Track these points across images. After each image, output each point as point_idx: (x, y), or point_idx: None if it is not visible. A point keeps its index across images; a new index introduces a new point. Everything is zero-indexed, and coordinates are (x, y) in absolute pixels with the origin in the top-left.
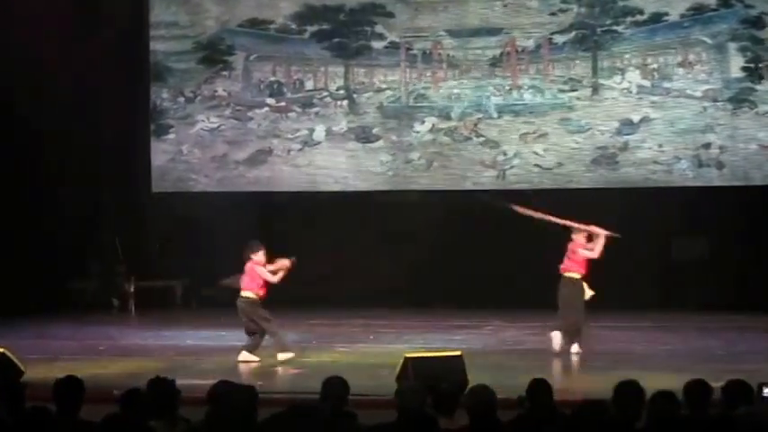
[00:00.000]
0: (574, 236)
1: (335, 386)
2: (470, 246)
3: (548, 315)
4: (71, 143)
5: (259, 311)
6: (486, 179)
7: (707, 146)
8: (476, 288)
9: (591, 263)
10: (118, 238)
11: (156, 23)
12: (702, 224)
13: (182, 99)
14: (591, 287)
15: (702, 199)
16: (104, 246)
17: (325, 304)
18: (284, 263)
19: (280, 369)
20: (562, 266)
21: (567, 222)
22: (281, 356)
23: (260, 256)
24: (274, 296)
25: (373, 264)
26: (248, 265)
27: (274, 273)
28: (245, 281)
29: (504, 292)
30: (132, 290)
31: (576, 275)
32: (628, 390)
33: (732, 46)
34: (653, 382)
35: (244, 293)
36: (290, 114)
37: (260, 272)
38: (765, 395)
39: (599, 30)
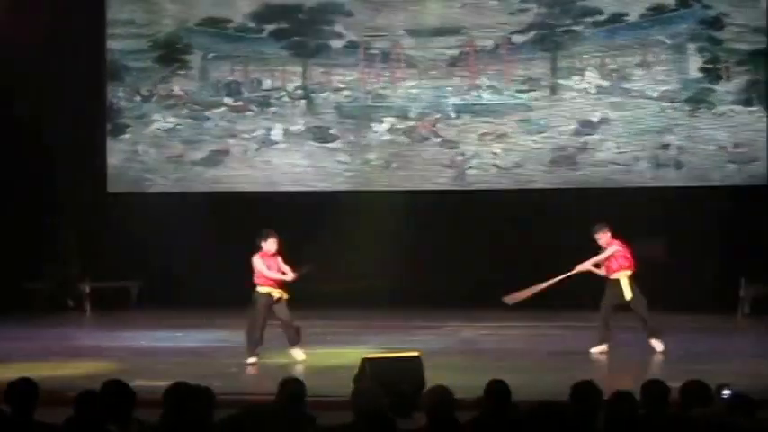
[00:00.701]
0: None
1: (292, 387)
2: (428, 246)
3: (506, 315)
4: (26, 142)
5: (255, 307)
6: (444, 179)
7: (665, 146)
8: (434, 288)
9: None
10: (73, 239)
11: (113, 22)
12: (661, 225)
13: (138, 98)
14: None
15: (661, 199)
16: (59, 246)
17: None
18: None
19: (235, 369)
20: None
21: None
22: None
23: (269, 244)
24: (225, 298)
25: (330, 264)
26: (253, 258)
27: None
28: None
29: (463, 292)
30: (87, 290)
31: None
32: (585, 390)
33: (691, 46)
34: (611, 383)
35: (257, 287)
36: (247, 114)
37: (255, 263)
38: (724, 396)
39: (558, 30)
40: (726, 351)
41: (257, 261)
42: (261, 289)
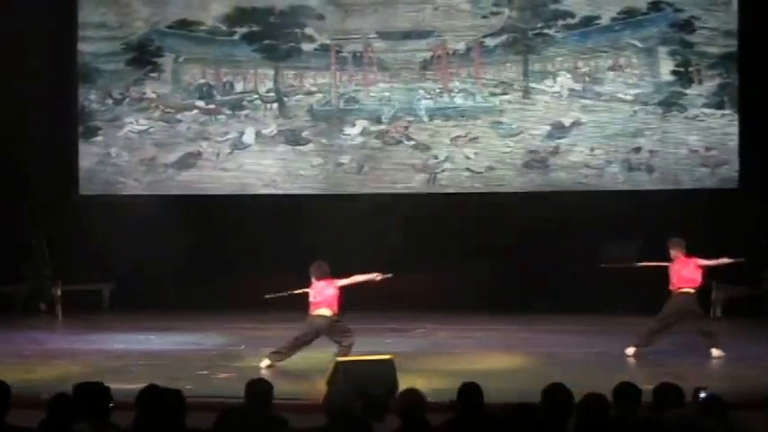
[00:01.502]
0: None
1: (258, 388)
2: (399, 248)
3: (479, 318)
4: None
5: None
6: (416, 183)
7: (637, 150)
8: (406, 291)
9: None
10: (45, 242)
11: (85, 24)
12: (633, 227)
13: (110, 101)
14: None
15: (633, 202)
16: (32, 249)
17: (254, 308)
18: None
19: (206, 372)
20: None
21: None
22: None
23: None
24: (198, 300)
25: (302, 267)
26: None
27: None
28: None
29: (436, 295)
30: (59, 294)
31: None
32: (556, 392)
33: (662, 50)
34: (584, 385)
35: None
36: (219, 117)
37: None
38: (702, 398)
39: (530, 33)
40: (698, 353)
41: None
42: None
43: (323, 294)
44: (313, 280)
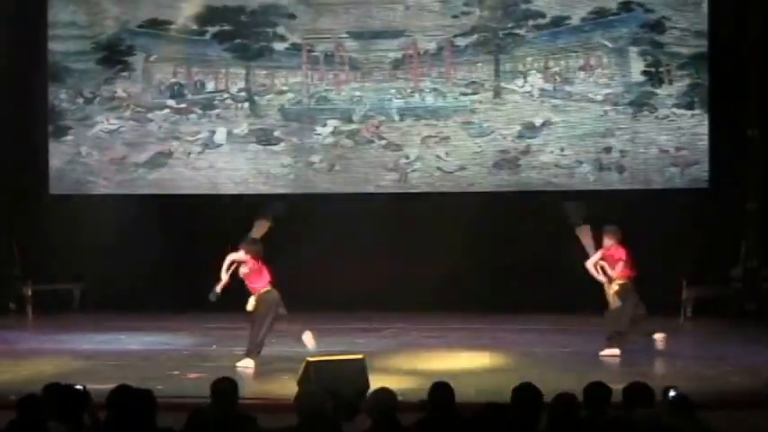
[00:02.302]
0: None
1: (222, 386)
2: (370, 248)
3: (450, 317)
4: None
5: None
6: (387, 182)
7: (608, 149)
8: (376, 291)
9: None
10: (14, 241)
11: (54, 23)
12: (603, 227)
13: (80, 100)
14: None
15: (603, 202)
16: (0, 248)
17: (225, 308)
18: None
19: (177, 372)
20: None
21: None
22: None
23: (240, 254)
24: (169, 300)
25: (274, 267)
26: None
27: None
28: None
29: (406, 293)
30: (29, 293)
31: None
32: (526, 392)
33: (633, 50)
34: (554, 385)
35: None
36: (190, 116)
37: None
38: (671, 398)
39: (501, 33)
40: (668, 353)
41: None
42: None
43: (262, 271)
44: (248, 258)
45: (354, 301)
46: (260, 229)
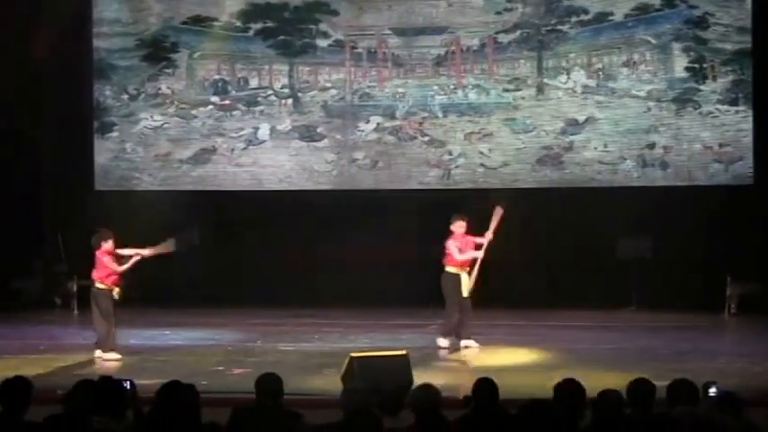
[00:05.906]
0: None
1: (268, 383)
2: (413, 245)
3: (493, 314)
4: (14, 141)
5: (104, 303)
6: (431, 179)
7: (651, 146)
8: (420, 287)
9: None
10: (60, 237)
11: (99, 20)
12: (646, 224)
13: (125, 97)
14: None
15: (647, 199)
16: (47, 244)
17: (269, 304)
18: (141, 252)
19: (222, 368)
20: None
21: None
22: (105, 355)
23: (109, 244)
24: (214, 296)
25: (317, 263)
26: (97, 254)
27: (123, 261)
28: (96, 270)
29: None
30: (75, 289)
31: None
32: (568, 389)
33: (676, 46)
34: (598, 382)
35: (96, 283)
36: (234, 113)
37: (106, 261)
38: (711, 394)
39: (544, 29)
40: (712, 350)
41: (107, 259)
42: (99, 284)
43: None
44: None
45: (397, 296)
46: None
